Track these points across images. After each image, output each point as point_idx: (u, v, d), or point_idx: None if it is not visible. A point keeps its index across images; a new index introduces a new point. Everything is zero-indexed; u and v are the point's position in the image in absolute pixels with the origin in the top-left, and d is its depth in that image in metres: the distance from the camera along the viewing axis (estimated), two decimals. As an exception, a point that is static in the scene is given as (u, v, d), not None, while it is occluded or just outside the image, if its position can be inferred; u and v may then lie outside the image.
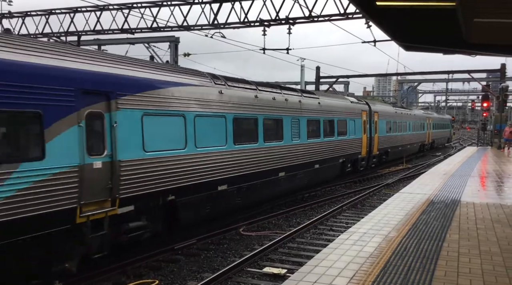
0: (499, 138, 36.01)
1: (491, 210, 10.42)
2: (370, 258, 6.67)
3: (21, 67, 7.19)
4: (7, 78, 6.93)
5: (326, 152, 19.09)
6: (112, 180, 8.65)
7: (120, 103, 8.95)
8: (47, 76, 7.55)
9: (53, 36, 25.89)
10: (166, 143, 10.14)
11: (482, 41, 12.46)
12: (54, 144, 7.57)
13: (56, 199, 7.57)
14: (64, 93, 7.79)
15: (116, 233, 9.02)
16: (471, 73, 39.09)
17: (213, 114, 11.86)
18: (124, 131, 8.96)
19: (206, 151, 11.49)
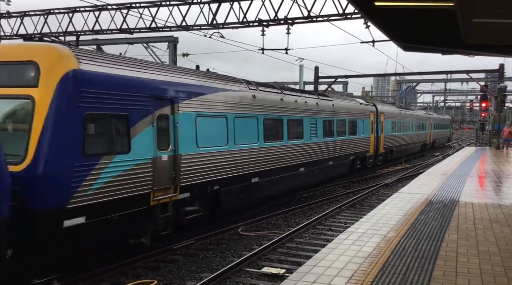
0: (497, 138, 36.07)
1: (490, 210, 10.44)
2: (369, 258, 6.68)
3: (115, 79, 9.00)
4: (106, 88, 8.71)
5: (339, 150, 20.72)
6: (175, 171, 10.40)
7: (181, 106, 10.73)
8: (131, 85, 9.36)
9: (51, 36, 25.87)
10: (213, 140, 11.89)
11: (481, 41, 12.48)
12: (136, 140, 9.33)
13: (137, 185, 9.31)
14: (143, 99, 9.61)
15: (177, 215, 10.77)
16: (469, 73, 39.13)
17: (248, 115, 13.65)
18: (183, 130, 10.72)
19: (243, 148, 13.25)
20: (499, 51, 14.24)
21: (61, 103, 7.97)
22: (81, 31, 26.03)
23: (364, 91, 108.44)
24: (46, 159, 7.63)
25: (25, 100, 7.98)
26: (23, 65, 8.17)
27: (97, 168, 8.49)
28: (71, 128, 8.07)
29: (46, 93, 7.93)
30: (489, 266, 6.42)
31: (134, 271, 9.40)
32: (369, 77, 54.12)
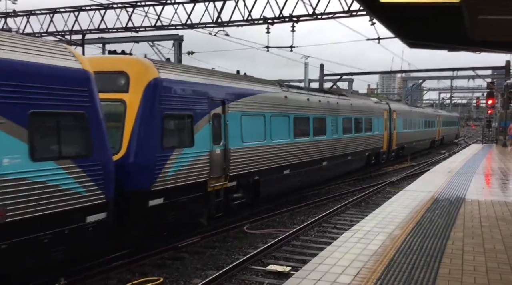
0: (504, 135, 35.87)
1: (496, 208, 10.40)
2: (374, 256, 6.67)
3: (183, 84, 10.92)
4: (177, 92, 10.60)
5: (356, 146, 22.25)
6: (225, 162, 12.13)
7: (230, 107, 12.42)
8: (195, 90, 11.20)
9: (57, 35, 25.98)
10: (254, 136, 13.60)
11: (487, 38, 12.41)
12: (198, 136, 11.09)
13: (199, 173, 11.07)
14: (203, 101, 11.40)
15: (226, 200, 12.42)
16: (476, 71, 38.96)
17: (281, 114, 15.28)
18: (231, 127, 12.43)
19: (277, 143, 14.91)
20: (505, 47, 14.14)
21: (146, 105, 9.79)
22: (87, 29, 26.12)
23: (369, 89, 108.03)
24: (136, 151, 9.51)
25: (118, 103, 9.72)
26: (117, 74, 9.95)
27: (171, 158, 10.23)
28: (153, 126, 9.86)
29: (135, 98, 9.77)
30: (495, 264, 6.40)
31: (140, 268, 9.45)
32: (374, 74, 54.03)
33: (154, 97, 9.95)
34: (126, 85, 9.88)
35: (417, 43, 13.72)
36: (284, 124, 15.42)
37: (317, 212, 15.11)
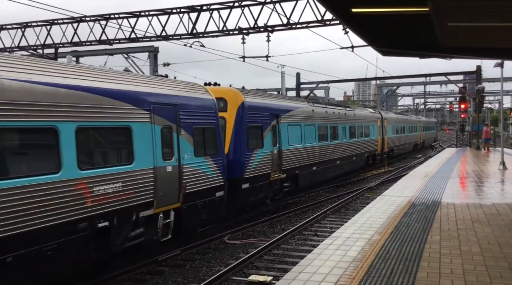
0: (477, 138, 36.66)
1: (471, 210, 10.61)
2: (354, 262, 6.72)
3: (257, 105, 15.46)
4: (254, 110, 15.03)
5: (359, 148, 27.07)
6: (280, 160, 16.47)
7: (281, 119, 16.96)
8: (264, 108, 15.89)
9: (29, 49, 25.58)
10: (295, 141, 18.03)
11: (457, 44, 12.72)
12: (265, 140, 15.51)
13: (266, 167, 15.43)
14: (268, 116, 15.98)
15: (280, 187, 16.92)
16: (448, 76, 39.82)
17: (310, 124, 19.90)
18: (283, 134, 16.88)
19: (308, 146, 19.39)
20: (475, 53, 14.50)
21: (238, 120, 14.40)
22: (60, 43, 25.79)
23: (346, 96, 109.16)
24: (234, 151, 14.09)
25: (221, 119, 13.56)
26: (219, 100, 13.63)
27: (252, 156, 14.65)
28: (243, 134, 14.38)
29: (231, 115, 14.38)
30: (471, 266, 6.52)
31: (120, 283, 9.30)
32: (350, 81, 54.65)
33: (242, 114, 14.55)
34: (225, 107, 14.36)
35: (389, 50, 13.97)
36: (312, 131, 20.04)
37: (297, 220, 15.15)
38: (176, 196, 10.74)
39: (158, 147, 10.19)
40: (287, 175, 17.15)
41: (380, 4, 8.69)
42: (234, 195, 13.69)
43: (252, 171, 14.56)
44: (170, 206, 10.60)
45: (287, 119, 17.50)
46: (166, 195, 10.38)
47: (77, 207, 8.01)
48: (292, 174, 17.68)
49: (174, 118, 10.80)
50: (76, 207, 7.98)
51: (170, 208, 10.59)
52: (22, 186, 7.06)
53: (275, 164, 16.17)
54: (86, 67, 9.81)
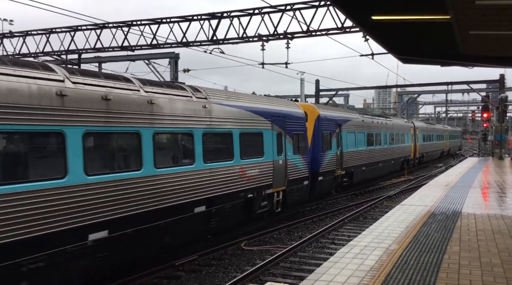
0: (500, 148, 36.00)
1: (492, 221, 10.41)
2: (371, 271, 6.66)
3: (328, 116, 20.28)
4: (326, 121, 19.74)
5: (396, 153, 31.45)
6: (341, 159, 20.99)
7: (342, 128, 21.46)
8: (332, 119, 20.39)
9: (53, 55, 26.11)
10: (351, 145, 22.49)
11: (479, 52, 12.56)
12: (332, 144, 20.02)
13: (332, 165, 19.93)
14: (334, 125, 20.42)
15: (341, 182, 21.46)
16: (470, 84, 39.24)
17: (361, 132, 24.31)
18: (343, 139, 21.36)
19: (360, 150, 23.99)
20: (497, 62, 14.30)
21: (315, 128, 18.81)
22: (83, 49, 26.25)
23: (365, 103, 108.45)
24: (313, 152, 18.11)
25: None
26: (302, 112, 17.43)
27: (324, 156, 19.24)
28: (319, 139, 18.88)
29: (311, 125, 18.57)
30: (491, 278, 6.39)
31: (137, 288, 9.38)
32: (370, 89, 54.36)
33: (318, 124, 19.12)
34: (306, 118, 17.82)
35: (409, 58, 13.87)
36: (362, 138, 24.42)
37: (314, 228, 15.08)
38: (283, 181, 15.22)
39: (275, 146, 14.71)
40: (346, 172, 21.78)
41: (400, 12, 8.65)
42: (313, 184, 18.01)
43: (324, 167, 19.19)
44: (280, 188, 15.03)
45: (346, 127, 22.10)
46: (278, 180, 14.83)
47: (242, 183, 12.87)
48: (349, 172, 22.28)
49: (283, 126, 15.40)
50: (241, 183, 12.84)
51: (279, 190, 15.03)
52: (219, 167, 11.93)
53: (338, 163, 20.80)
54: (248, 95, 16.23)
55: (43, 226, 7.27)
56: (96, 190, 8.26)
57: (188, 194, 10.58)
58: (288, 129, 15.64)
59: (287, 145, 15.47)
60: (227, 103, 12.54)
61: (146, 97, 9.61)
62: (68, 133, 7.82)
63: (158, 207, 9.65)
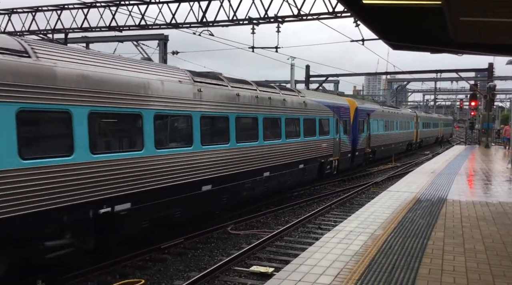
0: (486, 136, 36.34)
1: (477, 208, 10.50)
2: (356, 256, 6.67)
3: (362, 108, 26.56)
4: (361, 111, 25.79)
5: (404, 137, 38.09)
6: (369, 140, 27.18)
7: (370, 116, 27.72)
8: (365, 110, 26.96)
9: (39, 33, 25.61)
10: (375, 129, 28.51)
11: (469, 40, 12.53)
12: (364, 128, 26.44)
13: (364, 144, 26.48)
14: (365, 114, 26.70)
15: (368, 157, 27.77)
16: (459, 73, 39.38)
17: (381, 119, 30.28)
18: (371, 125, 27.56)
19: (380, 133, 30.01)
20: (488, 49, 14.30)
21: (354, 117, 24.32)
22: (70, 28, 25.78)
23: (355, 90, 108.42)
24: (353, 133, 24.02)
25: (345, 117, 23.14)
26: (347, 104, 23.67)
27: (359, 137, 24.99)
28: (357, 124, 24.65)
29: (352, 113, 23.98)
30: (474, 264, 6.44)
31: (122, 270, 9.34)
32: (360, 76, 54.42)
33: (356, 114, 24.60)
34: (349, 110, 23.63)
35: (400, 44, 13.80)
36: (382, 124, 30.58)
37: (301, 213, 15.11)
38: (338, 153, 21.47)
39: (334, 128, 20.91)
40: (372, 150, 27.95)
41: (391, -4, 8.55)
42: (353, 157, 24.22)
43: (360, 145, 25.20)
44: (335, 158, 21.21)
45: (372, 116, 28.22)
46: (336, 152, 21.14)
47: (318, 152, 19.14)
48: (373, 150, 28.41)
49: (339, 114, 21.64)
50: (318, 151, 19.12)
51: (335, 159, 21.22)
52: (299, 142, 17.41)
53: (367, 143, 26.88)
54: (321, 93, 24.18)
55: None
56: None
57: (297, 157, 17.08)
58: (341, 116, 21.96)
59: (340, 128, 21.78)
60: (314, 99, 19.18)
61: (282, 96, 16.36)
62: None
63: (284, 162, 16.15)
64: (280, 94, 16.19)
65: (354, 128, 24.08)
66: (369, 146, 27.22)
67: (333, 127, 20.65)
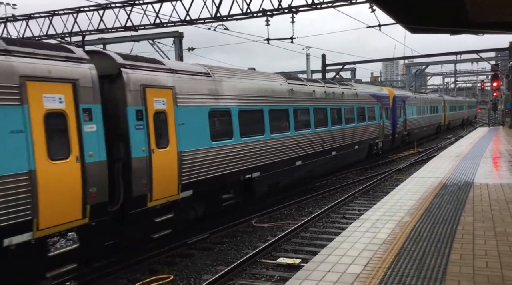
0: (510, 117, 35.57)
1: (505, 191, 10.29)
2: (384, 245, 6.61)
3: (399, 95, 29.89)
4: (398, 99, 29.34)
5: (434, 121, 41.63)
6: (405, 124, 30.69)
7: (406, 102, 31.12)
8: (400, 97, 30.25)
9: (57, 37, 25.92)
10: (410, 114, 31.99)
11: (489, 19, 12.20)
12: (401, 114, 29.96)
13: (401, 127, 30.00)
14: (402, 101, 30.14)
15: (404, 139, 31.01)
16: (479, 53, 38.53)
17: (414, 105, 33.73)
18: (406, 111, 31.00)
19: (414, 117, 33.48)
20: (508, 28, 13.92)
21: (393, 103, 27.91)
22: (87, 30, 26.01)
23: (373, 77, 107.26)
24: (393, 118, 27.41)
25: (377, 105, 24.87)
26: (387, 93, 27.41)
27: (398, 121, 28.45)
28: (395, 110, 28.05)
29: (391, 101, 27.52)
30: (506, 247, 6.32)
31: (150, 267, 9.44)
32: (377, 62, 53.91)
33: (394, 101, 28.00)
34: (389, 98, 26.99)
35: (418, 28, 13.49)
36: (415, 109, 33.83)
37: (325, 203, 15.04)
38: (382, 136, 24.72)
39: (378, 114, 24.23)
40: (408, 133, 31.24)
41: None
42: (393, 139, 27.51)
43: (398, 129, 28.50)
44: (380, 140, 24.58)
45: (407, 102, 31.52)
46: (380, 135, 24.37)
47: (369, 134, 22.57)
48: (409, 132, 31.80)
49: (382, 102, 25.05)
50: (368, 134, 22.58)
51: (380, 141, 24.53)
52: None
53: (404, 126, 30.18)
54: (366, 85, 30.62)
55: None
56: None
57: (353, 139, 20.65)
58: (383, 104, 25.42)
59: (383, 114, 25.18)
60: (362, 91, 22.94)
61: (341, 90, 20.10)
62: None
63: (345, 144, 19.61)
64: (339, 88, 19.96)
65: (393, 113, 27.62)
66: (406, 129, 30.76)
67: (378, 114, 24.24)
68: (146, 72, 9.44)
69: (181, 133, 10.10)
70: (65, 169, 7.39)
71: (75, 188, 7.54)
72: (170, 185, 9.76)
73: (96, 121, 7.95)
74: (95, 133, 7.90)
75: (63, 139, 7.46)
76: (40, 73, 7.18)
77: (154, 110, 9.41)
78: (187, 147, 10.22)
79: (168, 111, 9.83)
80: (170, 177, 9.74)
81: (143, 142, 9.04)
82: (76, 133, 7.65)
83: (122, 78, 8.80)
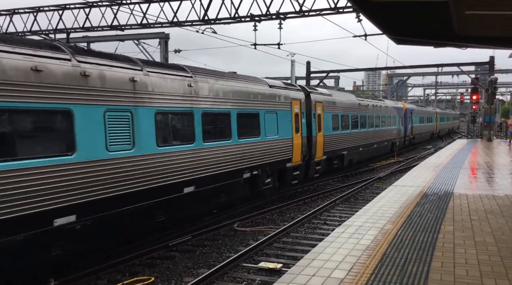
0: (488, 130, 36.33)
1: (484, 201, 10.50)
2: (367, 251, 6.68)
3: (409, 108, 41.46)
4: (407, 111, 39.77)
5: (429, 129, 50.36)
6: (412, 130, 41.11)
7: (412, 113, 41.40)
8: (409, 110, 40.26)
9: (41, 34, 25.59)
10: (415, 122, 42.51)
11: (473, 33, 12.49)
12: (409, 122, 39.97)
13: (408, 133, 39.97)
14: (410, 112, 40.38)
15: (410, 142, 41.06)
16: (460, 66, 39.34)
17: (417, 115, 44.39)
18: (413, 119, 41.41)
19: (417, 125, 43.83)
20: (492, 43, 14.26)
21: (405, 114, 38.23)
22: (72, 28, 25.76)
23: (355, 86, 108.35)
24: (404, 125, 37.59)
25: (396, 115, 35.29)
26: (402, 106, 38.88)
27: (407, 128, 38.85)
28: (406, 119, 38.30)
29: (403, 113, 37.54)
30: (486, 256, 6.45)
31: (131, 268, 9.36)
32: (360, 71, 54.73)
33: (406, 113, 38.27)
34: (403, 110, 37.78)
35: (403, 39, 13.76)
36: (418, 119, 43.12)
37: (306, 209, 15.12)
38: (399, 137, 34.39)
39: (398, 122, 34.54)
40: (413, 136, 39.92)
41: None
42: (404, 141, 36.21)
43: (407, 133, 37.39)
44: (397, 140, 33.99)
45: (413, 113, 40.49)
46: (398, 137, 34.22)
47: (390, 136, 32.60)
48: (414, 136, 40.57)
49: (399, 113, 35.11)
50: (390, 136, 32.62)
51: (397, 141, 33.98)
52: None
53: (411, 132, 39.14)
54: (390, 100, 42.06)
55: None
56: None
57: (384, 137, 30.03)
58: (399, 114, 34.38)
59: (398, 121, 33.80)
60: (390, 104, 33.38)
61: (378, 103, 30.46)
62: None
63: (376, 141, 28.39)
64: (374, 101, 29.06)
65: (405, 121, 37.00)
66: (412, 133, 40.23)
67: (397, 121, 34.09)
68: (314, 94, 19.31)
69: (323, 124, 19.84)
70: (299, 138, 16.96)
71: (302, 147, 17.17)
72: (321, 152, 19.34)
73: (303, 118, 17.68)
74: (304, 123, 17.64)
75: (298, 124, 16.99)
76: (294, 96, 17.13)
77: (317, 113, 18.99)
78: (326, 132, 19.95)
79: (321, 112, 19.56)
80: (320, 148, 19.23)
81: (314, 129, 18.71)
82: (300, 123, 17.15)
83: (310, 98, 18.55)
